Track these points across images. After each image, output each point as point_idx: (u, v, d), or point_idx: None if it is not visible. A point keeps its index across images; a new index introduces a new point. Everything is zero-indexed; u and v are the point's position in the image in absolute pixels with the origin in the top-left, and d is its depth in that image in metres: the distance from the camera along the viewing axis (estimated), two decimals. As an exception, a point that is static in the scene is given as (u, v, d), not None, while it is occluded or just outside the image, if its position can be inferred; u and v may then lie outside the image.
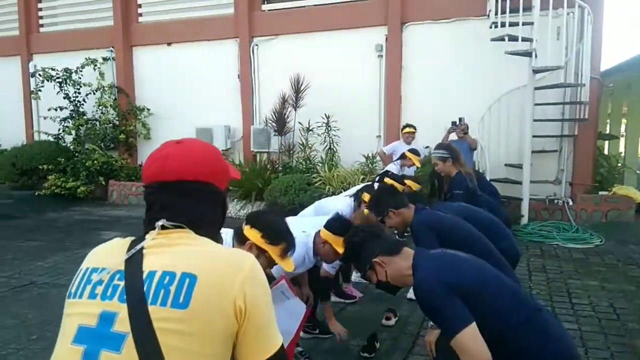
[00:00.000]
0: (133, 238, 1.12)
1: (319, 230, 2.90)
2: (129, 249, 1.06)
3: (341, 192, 6.94)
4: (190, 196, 1.11)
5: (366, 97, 8.66)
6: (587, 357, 3.28)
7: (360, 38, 8.61)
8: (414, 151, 6.47)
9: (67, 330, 1.00)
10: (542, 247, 6.16)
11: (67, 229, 7.51)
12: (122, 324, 0.95)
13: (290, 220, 3.22)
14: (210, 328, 0.96)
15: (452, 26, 8.08)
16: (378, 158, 7.98)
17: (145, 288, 0.98)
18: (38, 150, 9.97)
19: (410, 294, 4.29)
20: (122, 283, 1.00)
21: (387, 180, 4.73)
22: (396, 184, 4.65)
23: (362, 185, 5.02)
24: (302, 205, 7.07)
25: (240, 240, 2.13)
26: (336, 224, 2.84)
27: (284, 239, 2.12)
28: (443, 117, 7.91)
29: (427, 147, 8.12)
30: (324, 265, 3.42)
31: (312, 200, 7.12)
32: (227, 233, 2.28)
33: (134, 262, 1.03)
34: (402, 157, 6.37)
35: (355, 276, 4.81)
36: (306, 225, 3.10)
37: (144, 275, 1.00)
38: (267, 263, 2.12)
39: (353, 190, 4.33)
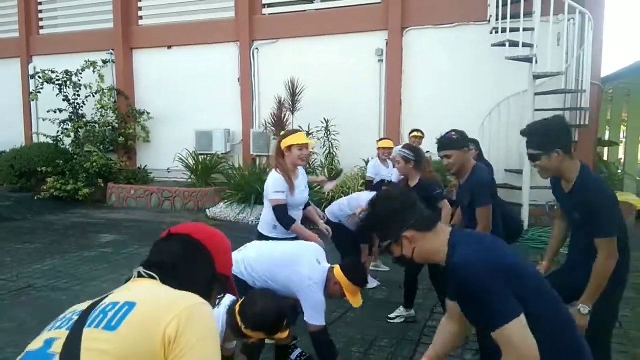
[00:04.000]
0: None
1: (333, 268, 2.81)
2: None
3: (341, 197, 6.91)
4: (188, 251, 1.23)
5: (366, 102, 8.66)
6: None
7: (361, 42, 8.62)
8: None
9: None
10: (542, 253, 6.12)
11: (65, 232, 7.48)
12: (57, 345, 1.00)
13: (299, 243, 3.14)
14: (134, 353, 0.97)
15: (453, 31, 8.09)
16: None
17: (90, 315, 1.04)
18: (37, 152, 9.94)
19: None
20: (77, 317, 1.06)
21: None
22: None
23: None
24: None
25: (240, 335, 2.27)
26: (355, 271, 2.80)
27: (262, 330, 2.25)
28: (443, 122, 7.89)
29: (427, 152, 8.11)
30: (310, 321, 2.78)
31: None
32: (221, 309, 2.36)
33: (96, 302, 1.10)
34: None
35: None
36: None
37: (95, 308, 1.07)
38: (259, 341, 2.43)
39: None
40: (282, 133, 3.66)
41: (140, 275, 1.16)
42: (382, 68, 8.58)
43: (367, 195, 4.43)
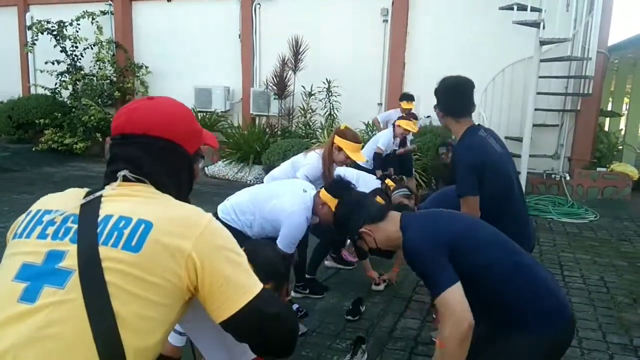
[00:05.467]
0: (90, 189, 1.09)
1: (319, 191, 2.89)
2: (86, 196, 1.04)
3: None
4: (153, 152, 1.09)
5: (369, 63, 8.53)
6: (576, 328, 3.34)
7: (365, 1, 8.41)
8: (408, 116, 6.11)
9: (9, 268, 0.96)
10: (536, 220, 6.20)
11: (63, 184, 7.49)
12: (70, 261, 0.93)
13: (290, 179, 3.24)
14: (160, 276, 0.95)
15: (461, -7, 7.88)
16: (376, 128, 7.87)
17: (98, 230, 0.96)
18: (35, 104, 9.85)
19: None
20: (75, 226, 0.98)
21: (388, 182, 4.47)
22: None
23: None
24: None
25: None
26: (336, 187, 2.85)
27: (273, 279, 2.10)
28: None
29: (428, 116, 8.07)
30: (279, 244, 2.85)
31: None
32: None
33: (91, 207, 1.01)
34: (394, 126, 5.98)
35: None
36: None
37: (100, 219, 0.98)
38: None
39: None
40: (344, 128, 3.52)
41: (125, 179, 1.07)
42: (386, 29, 8.40)
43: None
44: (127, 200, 1.03)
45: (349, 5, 8.51)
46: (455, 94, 2.54)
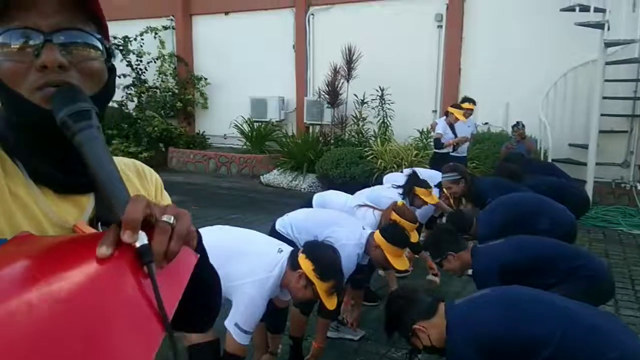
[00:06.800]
0: None
1: (374, 232, 2.89)
2: None
3: (393, 167, 6.86)
4: None
5: (423, 70, 8.43)
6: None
7: (419, 7, 8.33)
8: (464, 100, 5.97)
9: None
10: (605, 232, 5.88)
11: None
12: None
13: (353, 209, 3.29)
14: None
15: (519, -5, 7.65)
16: (432, 133, 7.70)
17: None
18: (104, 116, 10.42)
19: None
20: None
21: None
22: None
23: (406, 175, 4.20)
24: (352, 179, 7.10)
25: (293, 265, 2.17)
26: (392, 233, 2.85)
27: (334, 278, 2.14)
28: (504, 93, 7.63)
29: (485, 123, 7.87)
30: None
31: (363, 174, 7.14)
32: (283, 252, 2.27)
33: None
34: (446, 114, 5.85)
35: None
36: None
37: None
38: (313, 294, 2.17)
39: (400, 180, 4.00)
40: (401, 204, 3.43)
41: None
42: (441, 34, 8.29)
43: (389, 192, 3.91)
44: None
45: (402, 11, 8.46)
46: (449, 232, 2.89)
